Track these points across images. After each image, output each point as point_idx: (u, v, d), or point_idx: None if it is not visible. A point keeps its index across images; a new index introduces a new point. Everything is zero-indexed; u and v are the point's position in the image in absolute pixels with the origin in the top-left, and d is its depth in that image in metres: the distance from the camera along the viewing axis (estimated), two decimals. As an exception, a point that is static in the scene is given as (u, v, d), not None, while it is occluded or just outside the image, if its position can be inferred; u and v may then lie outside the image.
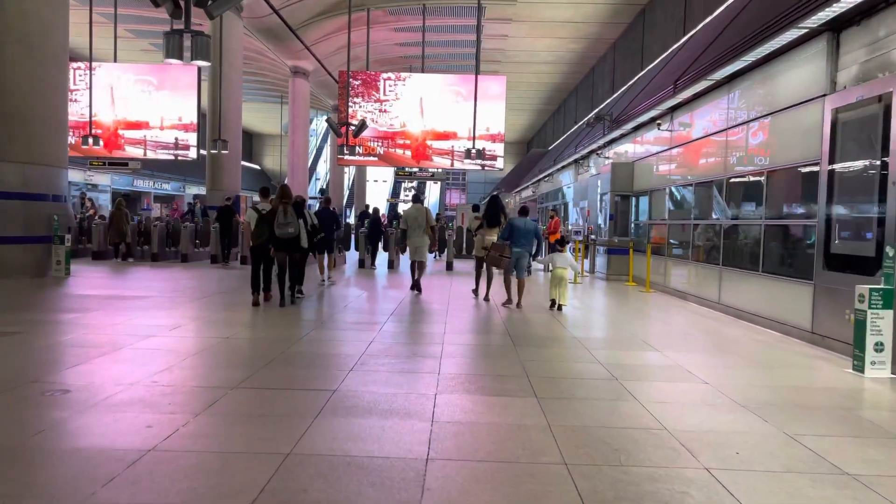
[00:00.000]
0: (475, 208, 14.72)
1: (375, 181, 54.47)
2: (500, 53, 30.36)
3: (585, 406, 4.38)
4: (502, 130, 22.46)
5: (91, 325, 6.98)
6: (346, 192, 44.87)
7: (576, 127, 29.97)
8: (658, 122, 12.19)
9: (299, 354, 5.80)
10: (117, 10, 20.40)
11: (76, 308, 8.27)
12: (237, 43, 19.75)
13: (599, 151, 17.07)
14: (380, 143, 22.94)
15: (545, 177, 28.06)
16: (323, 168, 53.51)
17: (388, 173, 56.38)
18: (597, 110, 25.19)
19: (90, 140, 16.51)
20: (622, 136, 15.47)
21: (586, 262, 15.72)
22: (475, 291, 10.69)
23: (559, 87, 35.57)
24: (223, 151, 17.01)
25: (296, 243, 8.76)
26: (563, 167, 23.68)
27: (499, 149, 22.52)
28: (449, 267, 16.25)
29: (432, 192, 53.92)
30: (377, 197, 51.41)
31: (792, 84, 7.92)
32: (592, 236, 15.82)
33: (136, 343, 6.06)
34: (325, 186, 49.13)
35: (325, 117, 25.77)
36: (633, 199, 14.48)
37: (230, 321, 7.51)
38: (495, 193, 12.47)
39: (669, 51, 16.50)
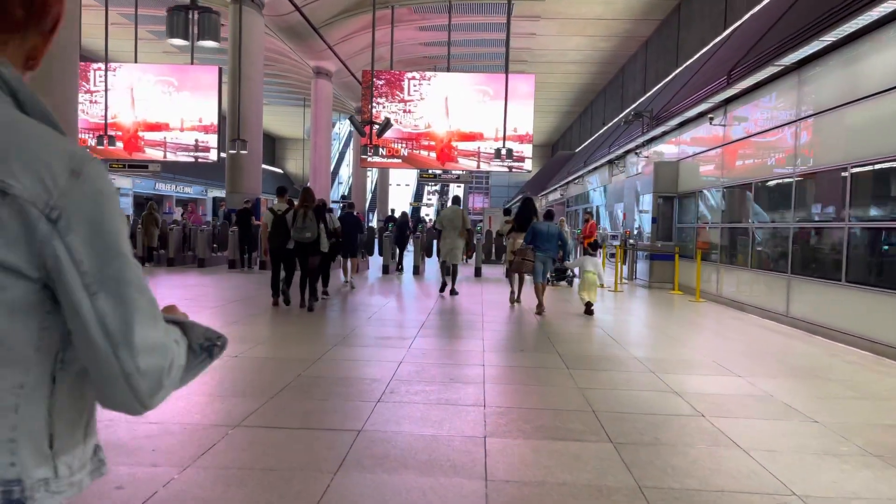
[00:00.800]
0: (507, 212, 13.89)
1: (398, 185, 53.84)
2: (527, 53, 29.45)
3: (677, 456, 3.44)
4: (531, 131, 21.57)
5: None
6: (369, 196, 44.23)
7: (606, 127, 28.95)
8: (710, 116, 11.16)
9: (317, 379, 4.93)
10: (138, 10, 19.94)
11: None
12: (258, 41, 19.09)
13: (638, 151, 16.03)
14: (404, 145, 22.17)
15: (574, 179, 27.01)
16: (346, 172, 52.94)
17: (410, 177, 55.72)
18: (632, 108, 24.13)
19: (105, 141, 15.86)
20: (664, 133, 14.43)
21: (624, 269, 14.68)
22: (513, 300, 10.19)
23: (587, 87, 34.57)
24: (242, 152, 16.27)
25: (314, 247, 8.54)
26: (595, 169, 22.64)
27: (527, 150, 21.65)
28: (477, 273, 15.34)
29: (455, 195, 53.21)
30: (400, 201, 50.73)
31: (883, 66, 6.89)
32: (631, 240, 14.77)
33: (130, 363, 5.22)
34: (347, 191, 48.60)
35: (347, 118, 25.11)
36: (677, 200, 13.44)
37: (243, 335, 6.67)
38: (527, 196, 11.64)
39: (710, 45, 15.47)
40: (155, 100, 21.17)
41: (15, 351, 0.78)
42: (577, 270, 11.89)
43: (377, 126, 16.17)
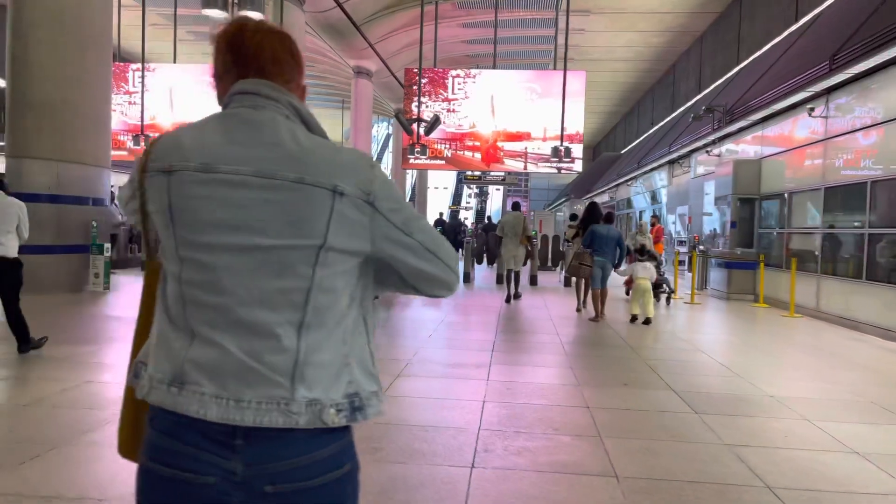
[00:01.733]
0: (573, 217, 12.93)
1: (436, 188, 52.92)
2: (575, 50, 28.19)
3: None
4: (581, 130, 20.40)
5: (106, 366, 5.28)
6: (407, 200, 43.48)
7: (657, 127, 27.51)
8: (809, 107, 9.85)
9: (388, 429, 3.88)
10: (177, 10, 19.38)
11: (96, 337, 6.65)
12: (299, 36, 18.30)
13: (708, 149, 14.70)
14: (447, 145, 21.19)
15: (628, 181, 25.57)
16: (382, 176, 52.26)
17: (448, 179, 54.79)
18: (686, 106, 22.75)
19: (142, 141, 15.18)
20: (740, 130, 13.10)
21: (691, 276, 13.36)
22: (579, 309, 9.58)
23: (634, 86, 33.18)
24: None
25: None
26: (651, 169, 21.29)
27: (577, 150, 20.50)
28: (533, 281, 14.20)
29: (494, 198, 51.89)
30: (439, 204, 49.87)
31: None
32: (701, 246, 13.45)
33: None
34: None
35: (389, 121, 23.94)
36: (758, 203, 12.11)
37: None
38: (593, 201, 10.73)
39: (784, 35, 14.10)
40: (195, 101, 20.60)
41: (342, 301, 1.06)
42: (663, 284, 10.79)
43: (424, 124, 15.11)
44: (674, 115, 25.06)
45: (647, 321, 8.37)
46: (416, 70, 21.24)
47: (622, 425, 4.12)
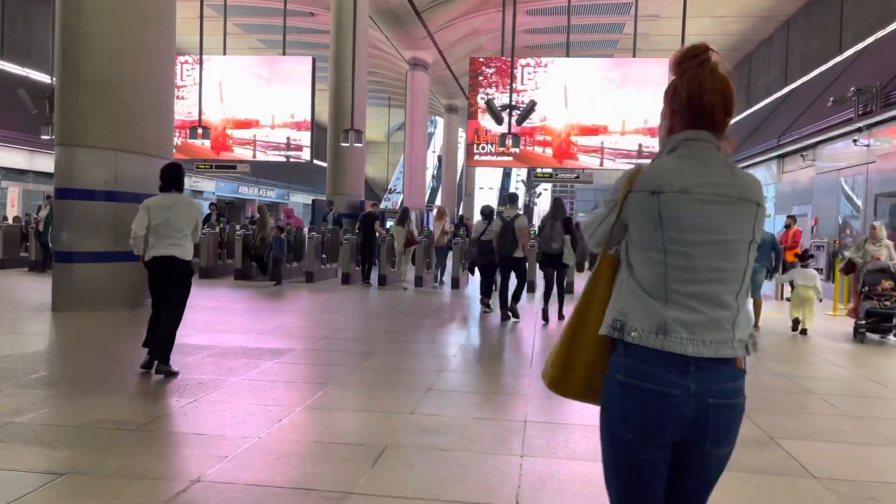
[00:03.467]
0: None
1: (481, 188, 51.24)
2: (644, 40, 26.33)
3: None
4: (665, 123, 18.52)
5: (163, 434, 3.77)
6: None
7: (744, 115, 25.34)
8: None
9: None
10: (227, 1, 18.15)
11: (151, 389, 5.17)
12: (363, 19, 16.85)
13: (856, 139, 12.71)
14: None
15: None
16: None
17: (494, 179, 53.15)
18: (770, 99, 20.56)
19: (199, 132, 13.79)
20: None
21: (828, 286, 11.44)
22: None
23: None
24: (356, 144, 13.93)
25: (558, 259, 8.41)
26: (749, 165, 19.16)
27: (656, 145, 18.61)
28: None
29: (543, 199, 50.04)
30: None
31: None
32: (846, 252, 11.51)
33: None
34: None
35: (433, 119, 21.98)
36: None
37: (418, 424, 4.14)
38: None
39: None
40: (244, 94, 19.36)
41: (749, 274, 1.54)
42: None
43: (516, 112, 13.50)
44: (762, 104, 22.97)
45: (803, 332, 7.87)
46: (481, 59, 19.70)
47: None
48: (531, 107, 13.93)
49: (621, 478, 1.54)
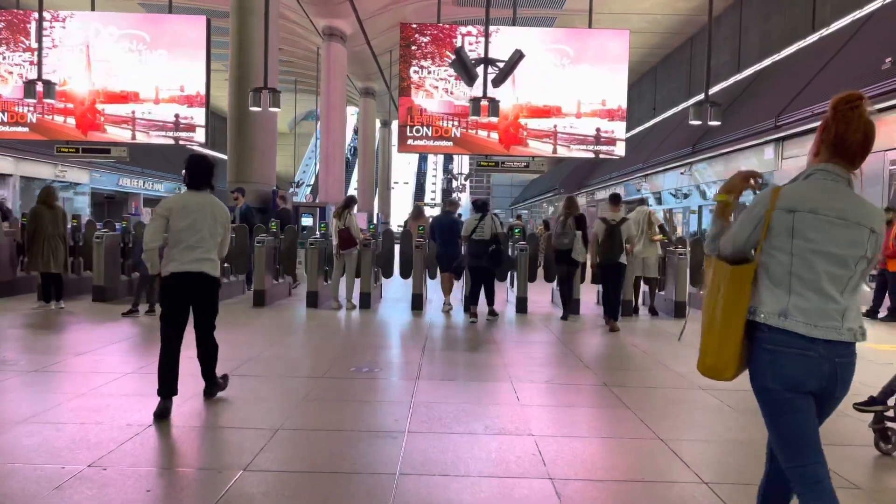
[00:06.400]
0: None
1: (396, 183, 47.85)
2: (583, 17, 24.21)
3: None
4: (624, 105, 16.45)
5: None
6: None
7: (676, 110, 23.62)
8: None
9: None
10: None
11: None
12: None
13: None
14: (456, 123, 16.78)
15: (681, 166, 20.54)
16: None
17: (409, 173, 50.08)
18: (722, 86, 18.77)
19: (38, 88, 9.80)
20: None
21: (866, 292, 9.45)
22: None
23: (633, 65, 29.57)
24: (272, 109, 10.47)
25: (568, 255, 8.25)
26: (731, 152, 16.91)
27: (618, 129, 16.52)
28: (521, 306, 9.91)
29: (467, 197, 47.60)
30: (401, 202, 45.15)
31: None
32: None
33: None
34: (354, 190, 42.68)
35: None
36: None
37: None
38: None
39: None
40: (120, 60, 15.37)
41: (847, 278, 2.12)
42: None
43: (493, 68, 10.62)
44: (718, 90, 21.31)
45: None
46: (414, 25, 16.74)
47: None
48: (517, 59, 11.08)
49: (779, 424, 2.11)
